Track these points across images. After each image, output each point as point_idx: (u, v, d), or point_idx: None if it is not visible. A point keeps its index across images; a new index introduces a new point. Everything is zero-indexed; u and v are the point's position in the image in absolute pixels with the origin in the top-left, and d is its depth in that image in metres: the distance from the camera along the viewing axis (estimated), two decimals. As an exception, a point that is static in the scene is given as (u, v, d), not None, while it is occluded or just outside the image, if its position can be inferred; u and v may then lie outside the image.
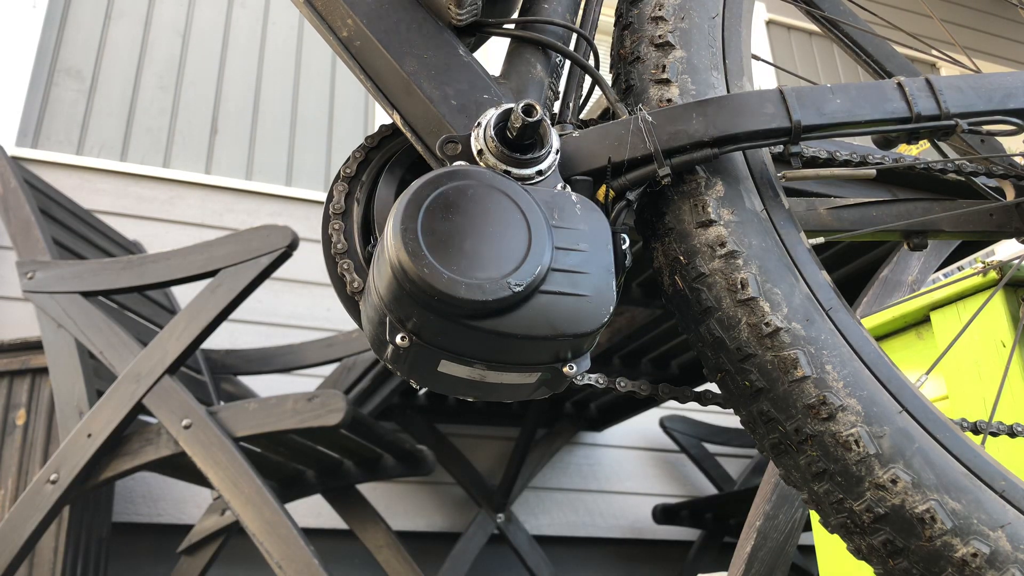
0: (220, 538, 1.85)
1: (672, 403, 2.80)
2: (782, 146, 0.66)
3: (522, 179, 0.62)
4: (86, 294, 1.58)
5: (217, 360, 2.23)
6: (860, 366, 0.61)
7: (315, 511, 2.32)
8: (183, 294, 2.24)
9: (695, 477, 2.88)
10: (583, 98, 0.75)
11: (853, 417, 0.59)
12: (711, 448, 2.80)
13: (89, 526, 1.79)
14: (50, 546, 1.64)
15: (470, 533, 2.40)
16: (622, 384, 0.64)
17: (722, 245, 0.63)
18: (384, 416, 2.40)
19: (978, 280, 1.02)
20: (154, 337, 1.52)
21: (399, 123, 0.67)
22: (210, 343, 2.26)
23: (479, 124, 0.63)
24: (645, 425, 2.85)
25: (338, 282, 0.65)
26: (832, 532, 0.62)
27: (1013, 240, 0.94)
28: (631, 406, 2.62)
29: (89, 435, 1.46)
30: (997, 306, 1.02)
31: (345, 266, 0.65)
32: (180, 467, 1.70)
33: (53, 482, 1.45)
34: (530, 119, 0.60)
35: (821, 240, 0.72)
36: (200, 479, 1.81)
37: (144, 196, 2.61)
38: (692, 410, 2.89)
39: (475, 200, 0.57)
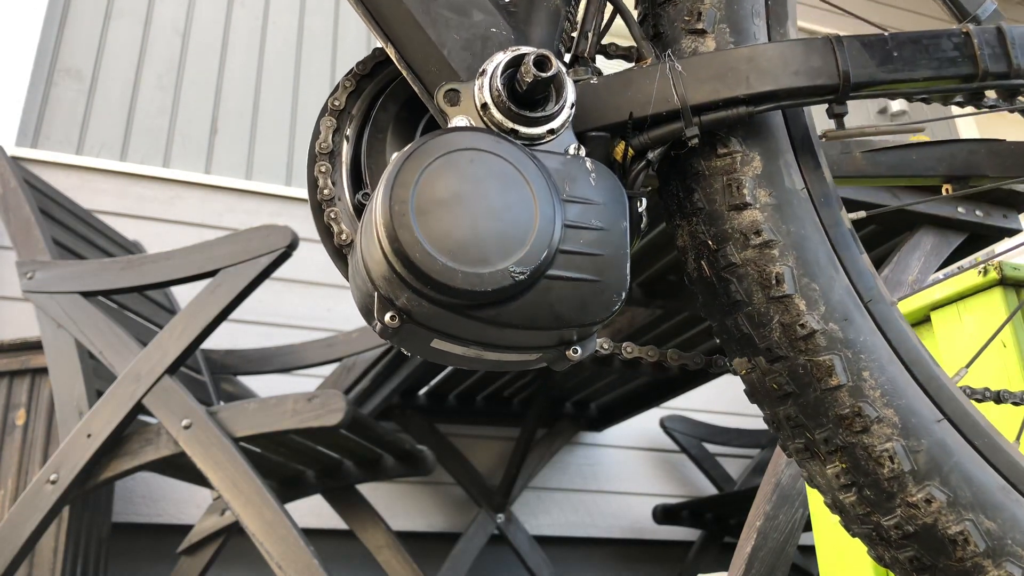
0: (220, 538, 1.85)
1: (672, 403, 2.80)
2: (826, 104, 0.58)
3: (531, 139, 0.55)
4: (86, 294, 1.58)
5: (217, 360, 2.23)
6: (899, 369, 0.55)
7: (315, 511, 2.32)
8: (183, 294, 2.24)
9: (695, 477, 2.88)
10: (602, 25, 0.65)
11: (889, 430, 0.54)
12: (711, 448, 2.80)
13: (89, 526, 1.79)
14: (50, 546, 1.63)
15: (470, 533, 2.40)
16: (628, 350, 0.60)
17: (757, 233, 0.56)
18: (384, 416, 2.40)
19: (978, 280, 1.01)
20: (154, 337, 1.52)
21: (394, 57, 0.59)
22: (210, 343, 2.25)
23: (484, 72, 0.55)
24: (645, 425, 2.85)
25: (324, 231, 0.58)
26: (854, 537, 0.59)
27: (1013, 240, 0.93)
28: (631, 406, 2.62)
29: (89, 435, 1.46)
30: (997, 306, 1.02)
31: (332, 215, 0.58)
32: (180, 467, 1.70)
33: (53, 482, 1.44)
34: (543, 74, 0.53)
35: (862, 214, 0.64)
36: (200, 479, 1.80)
37: (144, 196, 2.61)
38: (692, 410, 2.89)
39: (476, 172, 0.51)
